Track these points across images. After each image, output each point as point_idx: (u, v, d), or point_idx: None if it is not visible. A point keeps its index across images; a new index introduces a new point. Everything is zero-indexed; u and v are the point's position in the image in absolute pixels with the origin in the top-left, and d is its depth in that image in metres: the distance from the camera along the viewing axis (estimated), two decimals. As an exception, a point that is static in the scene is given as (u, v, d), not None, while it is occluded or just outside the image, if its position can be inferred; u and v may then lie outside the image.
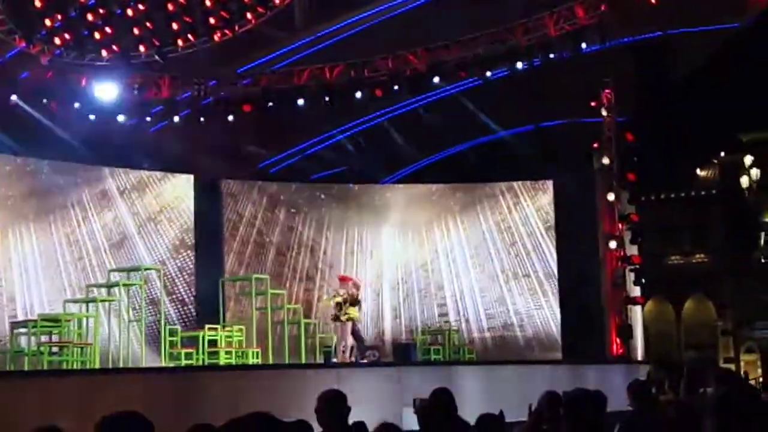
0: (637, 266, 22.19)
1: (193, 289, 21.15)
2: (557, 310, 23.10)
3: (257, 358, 16.93)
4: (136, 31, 18.33)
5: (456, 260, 23.57)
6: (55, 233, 19.79)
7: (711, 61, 25.42)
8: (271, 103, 21.09)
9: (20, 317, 17.98)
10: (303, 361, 17.37)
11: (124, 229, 20.73)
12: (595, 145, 22.67)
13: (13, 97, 18.74)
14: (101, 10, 17.73)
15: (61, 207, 19.99)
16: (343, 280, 18.38)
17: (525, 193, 23.81)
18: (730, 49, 24.30)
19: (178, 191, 21.63)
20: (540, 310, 23.23)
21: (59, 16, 17.59)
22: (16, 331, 16.10)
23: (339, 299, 17.28)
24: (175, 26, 18.54)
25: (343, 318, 17.17)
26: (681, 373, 8.51)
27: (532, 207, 23.71)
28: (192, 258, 21.35)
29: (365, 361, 17.35)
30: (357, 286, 17.83)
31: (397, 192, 24.27)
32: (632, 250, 22.40)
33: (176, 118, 20.93)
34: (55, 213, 19.90)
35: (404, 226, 23.75)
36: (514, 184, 23.88)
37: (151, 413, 3.82)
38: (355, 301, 17.31)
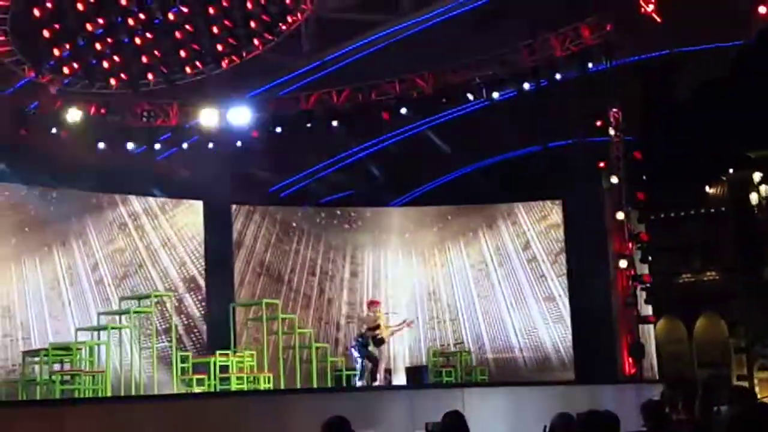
0: (648, 285, 22.14)
1: (203, 315, 21.17)
2: (569, 330, 23.04)
3: (269, 383, 16.91)
4: (144, 59, 18.44)
5: (465, 281, 23.55)
6: (64, 261, 19.86)
7: (717, 79, 25.42)
8: (279, 128, 21.16)
9: (31, 346, 18.01)
10: (314, 386, 17.36)
11: (133, 256, 20.78)
12: (603, 164, 22.65)
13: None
14: (109, 39, 17.86)
15: (70, 235, 20.07)
16: (373, 304, 18.43)
17: (534, 213, 23.81)
18: (736, 66, 24.29)
19: (188, 218, 21.69)
20: (551, 331, 23.16)
21: (68, 46, 17.71)
22: (27, 360, 16.12)
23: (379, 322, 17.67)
24: (183, 54, 18.65)
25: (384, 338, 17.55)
26: (695, 392, 8.45)
27: (542, 227, 23.69)
28: (203, 284, 21.38)
29: (377, 384, 17.33)
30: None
31: (406, 214, 24.28)
32: (643, 269, 22.35)
33: (185, 145, 21.02)
34: (65, 241, 19.97)
35: (414, 248, 23.75)
36: (523, 204, 23.88)
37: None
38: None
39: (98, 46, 17.84)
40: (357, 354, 17.57)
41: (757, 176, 31.74)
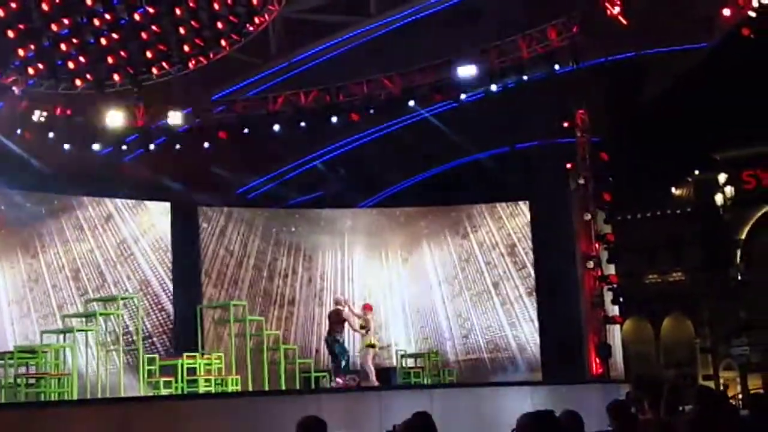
0: (615, 286, 22.27)
1: (171, 317, 21.05)
2: (536, 331, 23.12)
3: (237, 385, 16.83)
4: (110, 59, 18.32)
5: (433, 282, 23.57)
6: (29, 263, 19.67)
7: (683, 81, 25.63)
8: (246, 130, 21.10)
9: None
10: (282, 388, 17.30)
11: (100, 258, 20.62)
12: (570, 165, 22.78)
13: None
14: (75, 40, 17.71)
15: (36, 237, 19.88)
16: (367, 308, 18.36)
17: (501, 214, 23.87)
18: (701, 69, 24.50)
19: (155, 219, 21.55)
20: (519, 331, 23.24)
21: (32, 46, 17.56)
22: (-8, 363, 15.93)
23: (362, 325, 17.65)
24: (149, 54, 18.54)
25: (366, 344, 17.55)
26: (661, 392, 8.50)
27: (509, 228, 23.75)
28: (169, 286, 21.25)
29: (339, 383, 17.25)
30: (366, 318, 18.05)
31: (373, 216, 24.27)
32: (609, 270, 22.48)
33: (152, 146, 20.90)
34: (31, 243, 19.78)
35: (380, 250, 23.74)
36: (491, 205, 23.94)
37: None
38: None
39: (64, 46, 17.69)
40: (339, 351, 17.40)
41: (722, 177, 32.08)
